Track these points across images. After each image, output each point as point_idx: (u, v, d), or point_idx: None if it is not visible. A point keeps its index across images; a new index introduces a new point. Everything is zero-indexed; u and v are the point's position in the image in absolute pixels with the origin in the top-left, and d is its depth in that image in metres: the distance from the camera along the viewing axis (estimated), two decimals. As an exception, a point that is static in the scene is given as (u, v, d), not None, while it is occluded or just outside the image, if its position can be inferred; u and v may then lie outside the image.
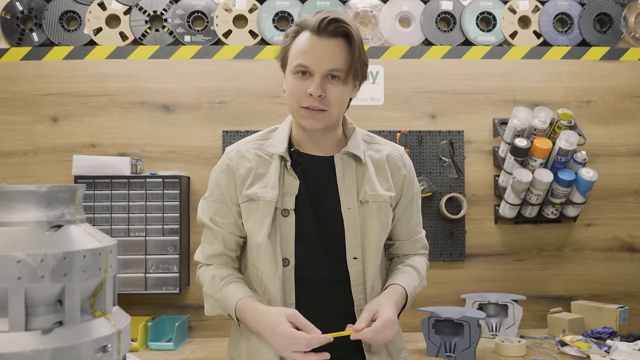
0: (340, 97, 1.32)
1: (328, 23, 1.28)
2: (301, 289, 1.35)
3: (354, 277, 1.37)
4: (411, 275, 1.43)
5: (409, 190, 1.47)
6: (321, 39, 1.30)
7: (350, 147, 1.39)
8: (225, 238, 1.41)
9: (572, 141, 2.43)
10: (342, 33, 1.30)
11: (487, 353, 2.19)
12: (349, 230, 1.36)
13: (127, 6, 2.62)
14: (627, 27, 2.72)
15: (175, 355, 2.25)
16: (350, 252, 1.36)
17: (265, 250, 1.33)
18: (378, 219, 1.37)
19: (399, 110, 2.66)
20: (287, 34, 1.36)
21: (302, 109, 1.32)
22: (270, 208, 1.33)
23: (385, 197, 1.39)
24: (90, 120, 2.58)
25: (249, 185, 1.37)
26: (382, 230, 1.39)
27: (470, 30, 2.69)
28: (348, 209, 1.36)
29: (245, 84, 2.62)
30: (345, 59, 1.30)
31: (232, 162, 1.40)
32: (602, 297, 2.66)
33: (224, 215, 1.41)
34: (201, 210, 1.45)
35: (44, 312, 0.70)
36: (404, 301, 1.39)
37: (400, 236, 1.49)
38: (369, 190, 1.37)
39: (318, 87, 1.28)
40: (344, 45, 1.31)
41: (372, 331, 1.26)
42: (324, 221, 1.37)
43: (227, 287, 1.36)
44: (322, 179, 1.39)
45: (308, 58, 1.29)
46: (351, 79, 1.33)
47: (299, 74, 1.31)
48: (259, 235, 1.33)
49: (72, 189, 0.76)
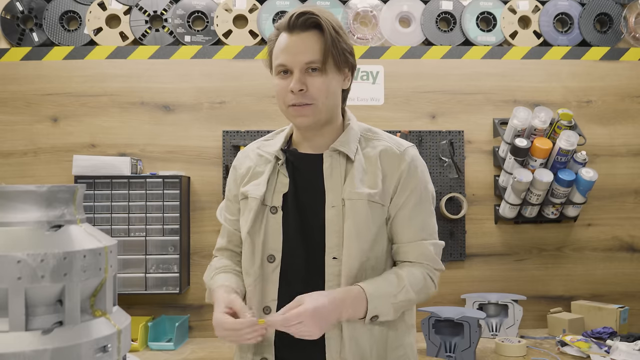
0: (323, 88, 1.31)
1: (297, 17, 1.30)
2: (283, 286, 1.35)
3: (329, 277, 1.31)
4: (388, 281, 1.31)
5: (406, 186, 1.35)
6: (293, 35, 1.31)
7: (338, 143, 1.36)
8: (230, 234, 1.48)
9: (572, 141, 2.43)
10: (313, 24, 1.31)
11: (487, 353, 2.19)
12: (329, 228, 1.32)
13: (127, 6, 2.62)
14: (627, 27, 2.72)
15: (175, 355, 2.25)
16: (330, 252, 1.32)
17: (245, 244, 1.38)
18: (353, 218, 1.30)
19: (399, 110, 2.66)
20: (270, 39, 1.37)
21: (290, 108, 1.33)
22: (256, 204, 1.36)
23: (363, 195, 1.31)
24: (90, 120, 2.58)
25: (245, 184, 1.42)
26: (362, 230, 1.30)
27: (470, 30, 2.69)
28: (332, 207, 1.33)
29: (245, 84, 2.62)
30: (320, 49, 1.30)
31: (237, 162, 1.48)
32: (602, 297, 2.66)
33: (231, 212, 1.48)
34: (220, 207, 1.57)
35: (44, 312, 0.70)
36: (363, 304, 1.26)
37: (398, 238, 1.37)
38: (349, 188, 1.33)
39: (297, 82, 1.29)
40: (317, 36, 1.31)
41: (283, 319, 1.19)
42: (308, 219, 1.36)
43: (217, 276, 1.41)
44: (312, 177, 1.37)
45: (285, 56, 1.31)
46: (332, 67, 1.31)
47: (281, 74, 1.33)
48: (243, 230, 1.39)
49: (72, 189, 0.76)
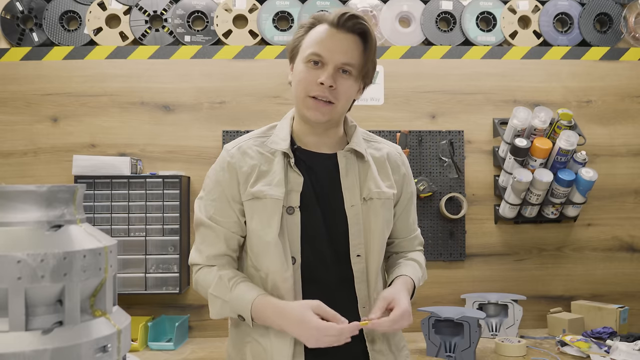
0: (348, 92, 1.34)
1: (348, 18, 1.31)
2: (307, 288, 1.35)
3: (358, 274, 1.37)
4: (415, 268, 1.46)
5: (408, 188, 1.50)
6: (339, 32, 1.31)
7: (354, 144, 1.40)
8: (227, 237, 1.37)
9: (572, 141, 2.43)
10: (360, 31, 1.32)
11: (487, 353, 2.19)
12: (352, 227, 1.36)
13: (127, 6, 2.62)
14: (627, 27, 2.72)
15: (175, 355, 2.25)
16: (354, 250, 1.36)
17: (275, 249, 1.30)
18: (382, 215, 1.38)
19: (399, 110, 2.66)
20: (302, 25, 1.37)
21: (309, 99, 1.32)
22: (278, 206, 1.31)
23: (389, 195, 1.41)
24: (90, 120, 2.58)
25: (254, 183, 1.35)
26: (386, 227, 1.41)
27: (470, 30, 2.69)
28: (352, 206, 1.36)
29: (245, 84, 2.62)
30: (360, 56, 1.32)
31: (234, 160, 1.37)
32: (602, 297, 2.66)
33: (225, 214, 1.37)
34: (199, 210, 1.40)
35: (44, 312, 0.70)
36: (412, 291, 1.41)
37: (399, 234, 1.51)
38: (373, 187, 1.38)
39: (330, 77, 1.29)
40: (360, 43, 1.33)
41: (391, 320, 1.27)
42: (328, 218, 1.36)
43: (238, 286, 1.32)
44: (326, 176, 1.38)
45: (323, 48, 1.30)
46: (361, 77, 1.35)
47: (311, 63, 1.31)
48: (268, 234, 1.31)
49: (72, 189, 0.76)
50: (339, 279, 1.36)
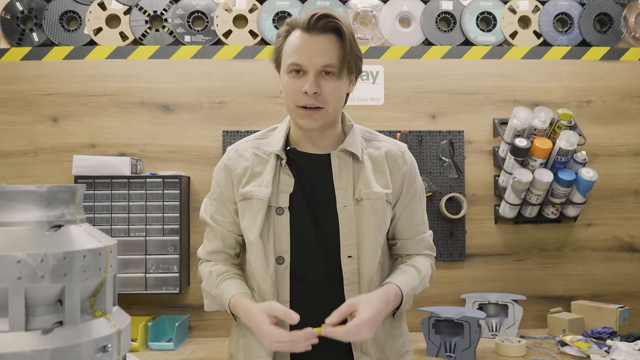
0: (335, 93, 1.32)
1: (317, 19, 1.28)
2: (296, 288, 1.35)
3: (347, 275, 1.35)
4: (410, 275, 1.39)
5: (410, 187, 1.45)
6: (312, 36, 1.30)
7: (347, 144, 1.38)
8: (224, 236, 1.43)
9: (572, 141, 2.43)
10: (333, 28, 1.30)
11: (487, 353, 2.19)
12: (343, 228, 1.35)
13: (127, 6, 2.62)
14: (627, 27, 2.72)
15: (175, 355, 2.25)
16: (345, 251, 1.35)
17: (256, 248, 1.34)
18: (372, 217, 1.36)
19: (399, 110, 2.66)
20: (279, 34, 1.36)
21: (299, 108, 1.32)
22: (262, 206, 1.33)
23: (381, 195, 1.37)
24: (90, 120, 2.58)
25: (245, 184, 1.38)
26: (378, 229, 1.37)
27: (470, 30, 2.69)
28: (344, 206, 1.36)
29: (245, 84, 2.62)
30: (338, 54, 1.30)
31: (230, 162, 1.42)
32: (602, 297, 2.66)
33: (222, 213, 1.43)
34: (203, 208, 1.47)
35: (44, 312, 0.70)
36: (399, 301, 1.34)
37: (402, 234, 1.46)
38: (363, 188, 1.36)
39: (312, 85, 1.28)
40: (336, 40, 1.31)
41: (344, 331, 1.21)
42: (319, 219, 1.36)
43: (223, 283, 1.38)
44: (318, 176, 1.38)
45: (300, 56, 1.29)
46: (345, 73, 1.33)
47: (293, 72, 1.31)
48: (251, 233, 1.35)
49: (72, 189, 0.76)
50: (328, 280, 1.36)
